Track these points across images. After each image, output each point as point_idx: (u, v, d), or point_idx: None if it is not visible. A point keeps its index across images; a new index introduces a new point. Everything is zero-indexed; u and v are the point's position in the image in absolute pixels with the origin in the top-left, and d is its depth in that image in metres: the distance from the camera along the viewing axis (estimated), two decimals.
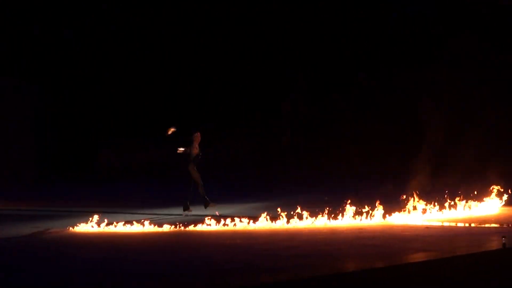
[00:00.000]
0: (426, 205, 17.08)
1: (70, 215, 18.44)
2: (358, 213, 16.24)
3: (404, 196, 17.51)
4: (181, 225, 15.65)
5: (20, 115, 29.91)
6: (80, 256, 12.40)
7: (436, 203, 17.38)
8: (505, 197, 18.25)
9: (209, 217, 16.00)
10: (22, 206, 21.42)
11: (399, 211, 16.54)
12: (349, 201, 16.45)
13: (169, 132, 18.51)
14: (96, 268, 11.25)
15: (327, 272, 10.56)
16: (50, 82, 31.01)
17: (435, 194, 18.38)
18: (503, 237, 12.49)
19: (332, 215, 16.06)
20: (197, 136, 18.68)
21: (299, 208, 16.28)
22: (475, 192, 18.48)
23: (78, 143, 31.35)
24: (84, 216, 16.41)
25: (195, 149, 18.63)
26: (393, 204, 17.15)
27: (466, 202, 17.86)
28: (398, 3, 30.16)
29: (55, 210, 20.10)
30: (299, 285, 9.96)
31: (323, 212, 16.15)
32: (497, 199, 18.18)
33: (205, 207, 18.55)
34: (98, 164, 31.35)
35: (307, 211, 16.29)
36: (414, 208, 16.84)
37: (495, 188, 18.36)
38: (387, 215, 16.25)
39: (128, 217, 16.63)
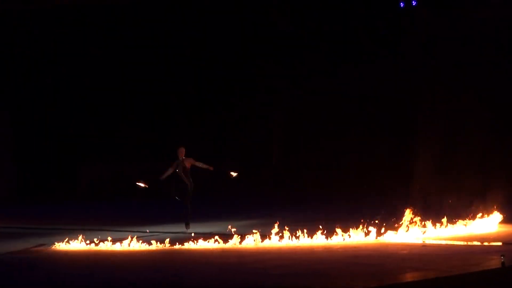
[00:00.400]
0: (422, 222, 16.61)
1: (53, 233, 17.94)
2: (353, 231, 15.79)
3: (398, 215, 17.13)
4: (172, 243, 15.18)
5: None
6: (64, 274, 12.00)
7: (433, 221, 16.93)
8: (500, 215, 17.85)
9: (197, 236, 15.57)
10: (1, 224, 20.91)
11: (395, 229, 16.15)
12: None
13: (141, 185, 18.20)
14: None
15: None
16: (21, 105, 30.68)
17: (432, 211, 18.02)
18: (502, 255, 12.24)
19: (326, 234, 15.59)
20: (181, 152, 18.20)
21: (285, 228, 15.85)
22: (472, 209, 18.07)
23: (57, 162, 30.98)
24: (67, 234, 15.96)
25: (186, 163, 18.12)
26: (390, 222, 16.75)
27: (464, 219, 17.44)
28: None
29: (37, 228, 19.68)
30: None
31: (316, 230, 15.70)
32: (496, 216, 17.75)
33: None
34: (79, 183, 30.97)
35: (301, 229, 15.89)
36: (410, 225, 16.37)
37: (493, 206, 17.99)
38: (382, 233, 15.89)
39: (115, 234, 16.11)
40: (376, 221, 16.13)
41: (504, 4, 27.35)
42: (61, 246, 15.15)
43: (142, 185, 18.34)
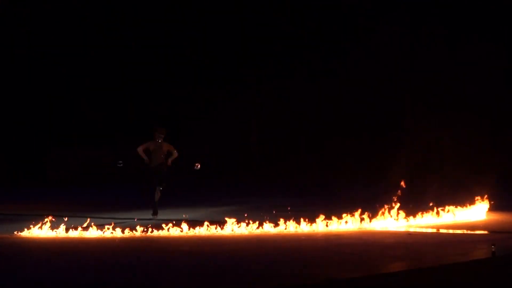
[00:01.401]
0: (408, 210, 15.99)
1: (17, 219, 17.13)
2: (335, 218, 15.13)
3: (383, 202, 16.55)
4: (149, 229, 14.40)
5: None
6: (28, 264, 11.22)
7: (420, 208, 16.45)
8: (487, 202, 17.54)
9: (172, 222, 14.73)
10: None
11: (380, 216, 15.67)
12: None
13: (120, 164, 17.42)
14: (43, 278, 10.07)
15: (296, 282, 9.71)
16: None
17: (419, 199, 17.72)
18: (493, 245, 11.83)
19: (308, 221, 14.89)
20: (161, 132, 17.32)
21: (271, 213, 15.15)
22: (459, 197, 17.62)
23: (27, 148, 30.47)
24: (33, 220, 15.08)
25: (164, 147, 17.29)
26: (373, 209, 16.19)
27: (452, 207, 16.93)
28: None
29: (3, 214, 18.77)
30: None
31: (298, 217, 15.01)
32: (484, 204, 17.26)
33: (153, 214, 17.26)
34: (49, 168, 30.32)
35: (280, 216, 15.35)
36: (395, 213, 15.77)
37: (481, 193, 17.53)
38: (366, 221, 15.40)
39: (83, 221, 15.25)
40: (359, 209, 15.50)
41: None
42: (25, 233, 14.26)
43: (121, 164, 17.55)
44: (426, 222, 16.10)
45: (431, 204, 16.78)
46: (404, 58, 29.86)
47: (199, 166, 17.43)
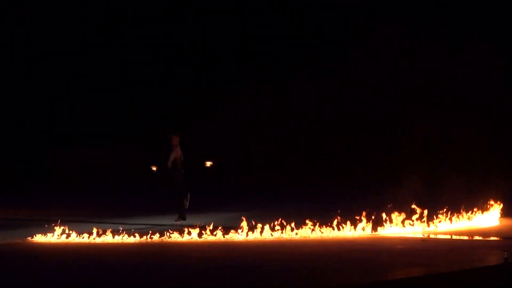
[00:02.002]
0: (421, 216, 15.90)
1: (29, 224, 17.14)
2: (349, 224, 15.10)
3: (394, 207, 16.51)
4: (165, 235, 14.46)
5: None
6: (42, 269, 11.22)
7: (433, 214, 16.42)
8: (499, 208, 17.54)
9: (183, 228, 14.76)
10: None
11: (393, 222, 15.66)
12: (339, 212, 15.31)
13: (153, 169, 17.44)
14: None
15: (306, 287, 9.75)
16: None
17: (431, 206, 17.35)
18: (505, 251, 11.83)
19: (319, 226, 14.90)
20: (177, 138, 17.35)
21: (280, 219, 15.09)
22: (473, 203, 17.49)
23: (28, 148, 30.44)
24: (44, 226, 15.16)
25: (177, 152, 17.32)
26: (386, 215, 16.12)
27: (465, 213, 16.89)
28: None
29: (11, 219, 18.84)
30: None
31: (312, 222, 15.04)
32: (497, 210, 17.15)
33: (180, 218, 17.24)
34: (50, 168, 30.27)
35: (293, 221, 15.26)
36: (408, 219, 15.69)
37: (493, 200, 17.43)
38: (379, 227, 15.37)
39: (94, 226, 15.24)
40: (372, 215, 15.45)
41: None
42: (38, 238, 14.30)
43: (154, 169, 17.63)
44: (439, 228, 15.99)
45: (444, 210, 16.65)
46: (404, 58, 29.69)
47: (211, 164, 17.47)
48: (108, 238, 14.19)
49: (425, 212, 16.18)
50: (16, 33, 30.09)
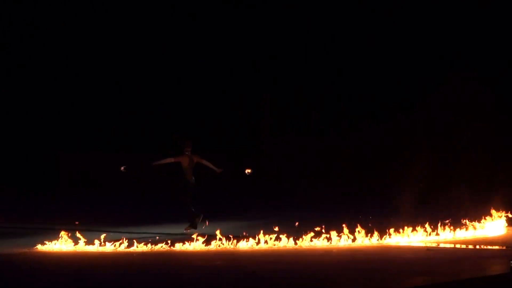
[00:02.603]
0: (426, 226, 15.89)
1: (36, 232, 16.88)
2: (353, 233, 15.10)
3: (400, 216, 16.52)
4: (166, 244, 14.38)
5: None
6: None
7: (439, 223, 16.34)
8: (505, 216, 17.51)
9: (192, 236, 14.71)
10: None
11: (398, 231, 15.55)
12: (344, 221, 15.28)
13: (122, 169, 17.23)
14: None
15: None
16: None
17: (436, 215, 17.51)
18: (511, 260, 11.75)
19: (323, 236, 14.86)
20: (189, 145, 17.28)
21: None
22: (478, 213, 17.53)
23: (38, 154, 30.34)
24: (52, 234, 15.09)
25: (194, 158, 17.22)
26: (389, 224, 16.12)
27: (470, 222, 16.85)
28: None
29: (19, 227, 18.56)
30: None
31: (316, 232, 15.04)
32: (503, 219, 17.27)
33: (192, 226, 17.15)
34: (61, 175, 30.14)
35: (298, 231, 15.31)
36: (414, 229, 15.69)
37: (499, 209, 17.41)
38: (384, 236, 15.28)
39: (100, 235, 15.20)
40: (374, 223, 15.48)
41: None
42: (46, 247, 14.25)
43: (124, 167, 17.26)
44: (444, 237, 15.94)
45: (450, 220, 16.62)
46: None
47: (250, 171, 17.36)
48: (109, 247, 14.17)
49: (429, 221, 16.20)
50: (30, 37, 30.11)
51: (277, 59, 30.09)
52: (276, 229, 15.25)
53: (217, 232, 14.66)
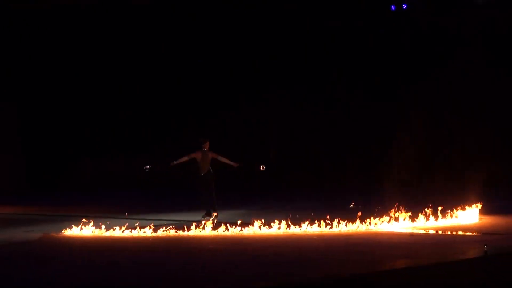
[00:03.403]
0: (409, 214, 16.88)
1: (63, 219, 17.90)
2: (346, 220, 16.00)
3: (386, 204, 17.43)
4: (175, 230, 15.38)
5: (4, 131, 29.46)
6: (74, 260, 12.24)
7: (420, 212, 17.17)
8: (479, 207, 18.16)
9: (203, 222, 15.82)
10: (13, 211, 21.02)
11: (384, 218, 16.34)
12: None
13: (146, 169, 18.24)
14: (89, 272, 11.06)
15: (305, 278, 10.51)
16: (28, 98, 30.37)
17: (419, 203, 18.21)
18: (485, 245, 12.44)
19: (321, 223, 15.78)
20: (206, 144, 18.26)
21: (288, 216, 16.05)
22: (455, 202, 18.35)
23: (63, 154, 30.72)
24: (76, 221, 16.00)
25: (209, 155, 18.22)
26: (379, 212, 16.98)
27: (449, 211, 17.68)
28: None
29: (47, 215, 19.64)
30: None
31: (311, 219, 15.93)
32: (476, 209, 18.03)
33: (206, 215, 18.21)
34: (79, 174, 30.64)
35: (295, 218, 16.15)
36: (398, 215, 16.64)
37: (473, 200, 18.28)
38: (373, 223, 16.08)
39: (122, 222, 16.23)
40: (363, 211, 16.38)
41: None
42: (70, 232, 15.32)
43: (148, 167, 18.33)
44: (426, 224, 16.64)
45: (430, 208, 17.34)
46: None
47: (264, 167, 18.26)
48: (131, 232, 15.26)
49: (412, 210, 17.12)
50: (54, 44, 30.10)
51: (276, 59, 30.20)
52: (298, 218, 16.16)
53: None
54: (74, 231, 15.35)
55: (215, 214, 17.91)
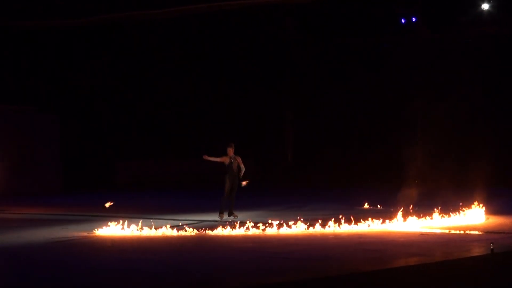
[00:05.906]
0: (420, 213, 16.90)
1: (96, 219, 18.11)
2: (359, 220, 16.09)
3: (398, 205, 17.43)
4: (202, 229, 15.54)
5: (45, 138, 29.63)
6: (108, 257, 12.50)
7: (430, 212, 17.23)
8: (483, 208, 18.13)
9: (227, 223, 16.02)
10: (52, 211, 21.21)
11: (396, 218, 16.43)
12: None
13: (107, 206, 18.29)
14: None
15: (323, 274, 10.62)
16: (68, 110, 30.69)
17: (429, 204, 18.32)
18: (491, 243, 12.46)
19: (337, 222, 15.85)
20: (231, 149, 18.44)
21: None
22: (461, 203, 18.31)
23: (99, 159, 30.94)
24: (110, 221, 16.08)
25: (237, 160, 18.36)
26: (392, 212, 17.11)
27: (457, 211, 17.68)
28: None
29: (82, 215, 19.78)
30: (302, 285, 10.00)
31: (328, 219, 15.99)
32: (483, 209, 18.02)
33: (228, 215, 18.32)
34: (119, 177, 30.81)
35: (313, 219, 16.25)
36: (410, 216, 16.70)
37: (480, 201, 18.25)
38: (386, 222, 16.17)
39: (153, 222, 16.37)
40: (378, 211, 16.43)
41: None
42: (104, 232, 15.49)
43: (107, 205, 18.31)
44: (435, 224, 16.65)
45: (439, 208, 17.40)
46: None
47: (245, 183, 18.34)
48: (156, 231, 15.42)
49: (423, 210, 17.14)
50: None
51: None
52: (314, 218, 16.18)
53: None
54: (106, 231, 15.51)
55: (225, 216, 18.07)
